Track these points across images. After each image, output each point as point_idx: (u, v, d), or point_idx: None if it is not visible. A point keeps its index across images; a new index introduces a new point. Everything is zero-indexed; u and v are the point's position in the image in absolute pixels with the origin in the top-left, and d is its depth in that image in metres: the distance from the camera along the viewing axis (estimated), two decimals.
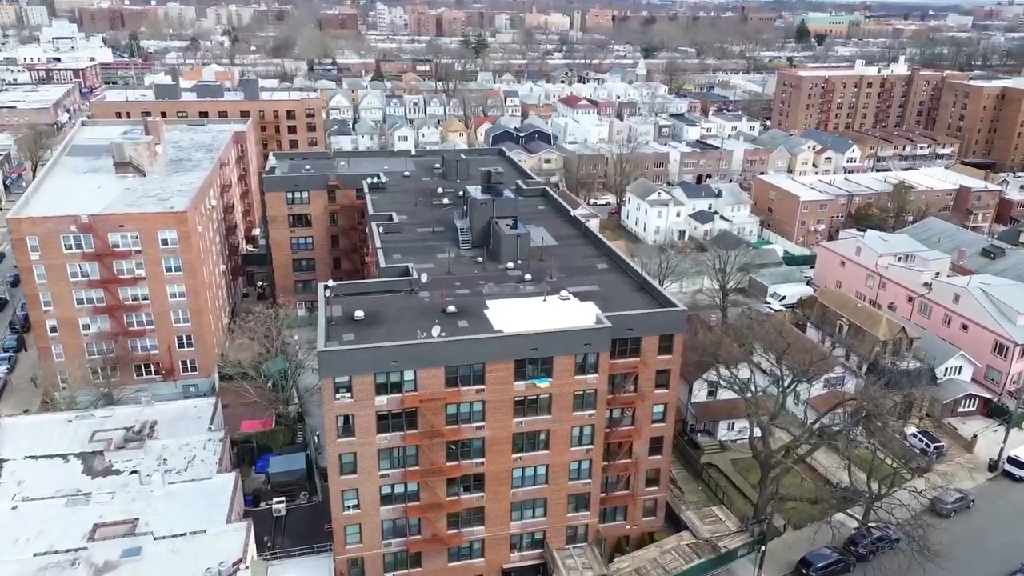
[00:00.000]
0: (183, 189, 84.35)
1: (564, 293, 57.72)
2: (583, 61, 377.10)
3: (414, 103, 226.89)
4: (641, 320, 53.87)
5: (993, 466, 73.83)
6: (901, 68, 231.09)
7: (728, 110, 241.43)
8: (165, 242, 76.31)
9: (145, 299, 78.00)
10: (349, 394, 48.90)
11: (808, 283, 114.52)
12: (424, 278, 59.64)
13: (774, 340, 68.63)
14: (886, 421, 65.74)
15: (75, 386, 74.94)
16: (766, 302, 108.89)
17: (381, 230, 70.98)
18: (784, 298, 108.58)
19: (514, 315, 54.41)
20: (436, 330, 50.23)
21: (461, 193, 75.76)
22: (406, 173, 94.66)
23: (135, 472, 59.29)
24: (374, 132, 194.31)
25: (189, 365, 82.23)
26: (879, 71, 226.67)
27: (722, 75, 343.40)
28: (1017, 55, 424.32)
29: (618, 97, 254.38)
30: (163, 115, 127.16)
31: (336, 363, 47.94)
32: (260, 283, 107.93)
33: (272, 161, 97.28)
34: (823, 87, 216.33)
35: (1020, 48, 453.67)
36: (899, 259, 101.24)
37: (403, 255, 66.18)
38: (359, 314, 54.02)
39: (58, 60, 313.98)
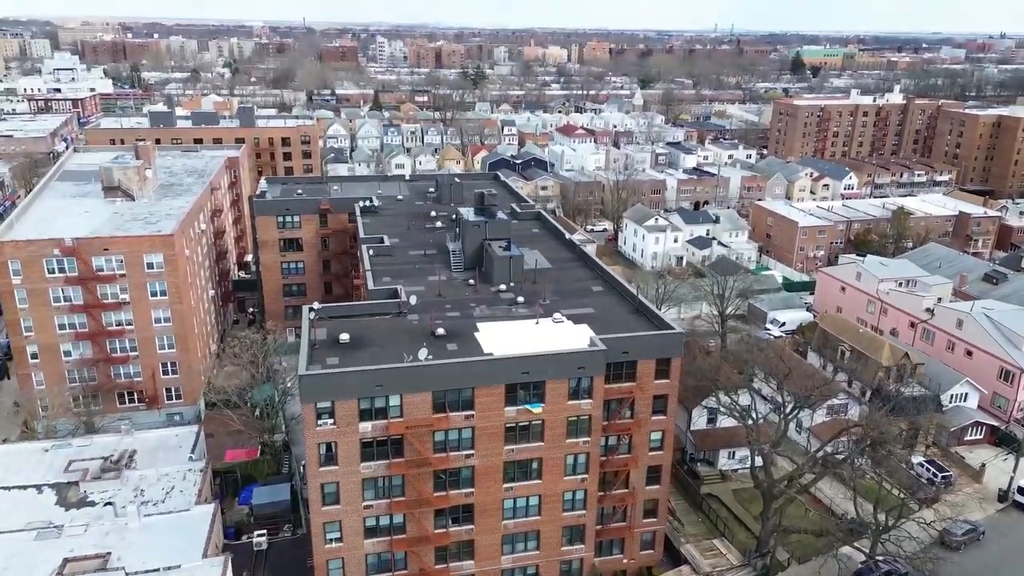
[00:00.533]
0: (172, 213, 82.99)
1: (557, 316, 55.93)
2: (580, 92, 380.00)
3: (411, 132, 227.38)
4: (637, 343, 51.99)
5: (1003, 496, 71.26)
6: (896, 97, 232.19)
7: (724, 139, 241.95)
8: (151, 266, 74.67)
9: (129, 324, 76.10)
10: (332, 420, 46.79)
11: (808, 309, 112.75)
12: (413, 300, 57.89)
13: (775, 365, 66.57)
14: (892, 449, 63.44)
15: (55, 414, 72.66)
16: (766, 328, 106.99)
17: (371, 252, 69.37)
18: (784, 324, 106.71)
19: (505, 338, 52.55)
20: (423, 353, 48.31)
21: (454, 216, 74.32)
22: (399, 197, 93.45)
23: (110, 504, 56.74)
24: (371, 160, 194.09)
25: (174, 393, 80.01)
26: (874, 100, 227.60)
27: (718, 105, 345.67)
28: (1010, 86, 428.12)
29: (615, 126, 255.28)
30: (157, 142, 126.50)
31: (318, 387, 45.93)
32: (251, 309, 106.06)
33: (263, 185, 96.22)
34: (819, 115, 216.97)
35: (1013, 79, 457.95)
36: (900, 284, 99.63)
37: (393, 278, 64.49)
38: (344, 337, 52.13)
39: (58, 91, 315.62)
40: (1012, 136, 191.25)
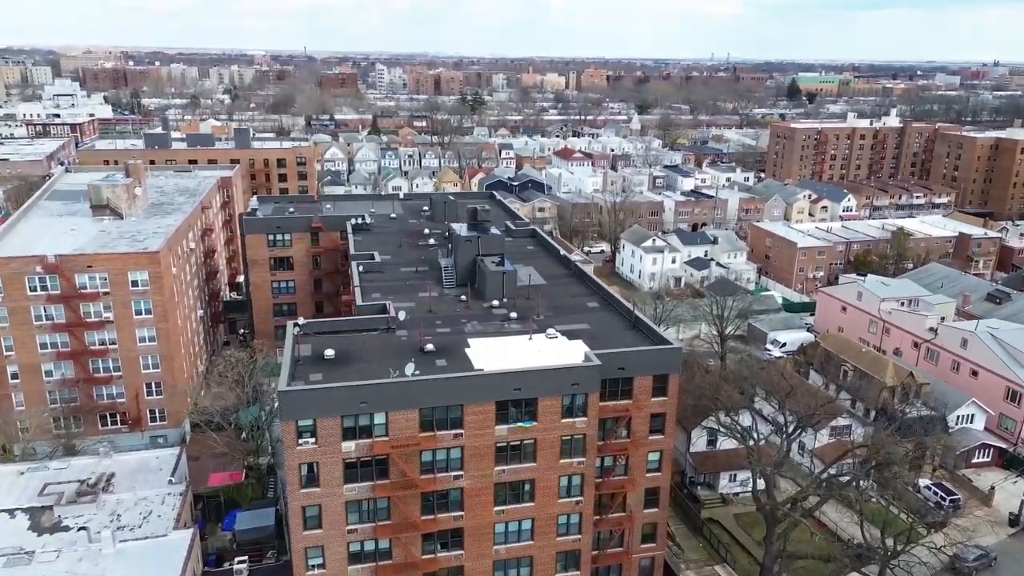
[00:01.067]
0: (160, 231, 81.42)
1: (551, 331, 54.06)
2: (578, 117, 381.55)
3: (409, 155, 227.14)
4: (633, 358, 50.05)
5: (1014, 521, 68.80)
6: (893, 121, 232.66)
7: (722, 162, 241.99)
8: (136, 283, 72.87)
9: (113, 344, 74.09)
10: (313, 439, 44.63)
11: (808, 330, 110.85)
12: (402, 316, 56.03)
13: (776, 383, 64.52)
14: (899, 471, 61.19)
15: (34, 436, 70.35)
16: (766, 349, 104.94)
17: (361, 269, 67.65)
18: (784, 345, 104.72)
19: (497, 354, 50.61)
20: (410, 368, 46.33)
21: (447, 233, 72.77)
22: (393, 215, 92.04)
23: (84, 528, 54.37)
24: (368, 183, 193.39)
25: (158, 414, 77.74)
26: (871, 123, 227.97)
27: (715, 130, 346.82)
28: (1006, 111, 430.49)
29: (612, 150, 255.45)
30: (151, 163, 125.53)
31: (298, 404, 43.86)
32: (242, 331, 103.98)
33: (254, 203, 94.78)
34: (816, 139, 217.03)
35: (1008, 105, 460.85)
36: (902, 304, 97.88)
37: (383, 294, 62.68)
38: (329, 353, 50.18)
39: (57, 116, 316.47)
40: (1010, 158, 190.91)
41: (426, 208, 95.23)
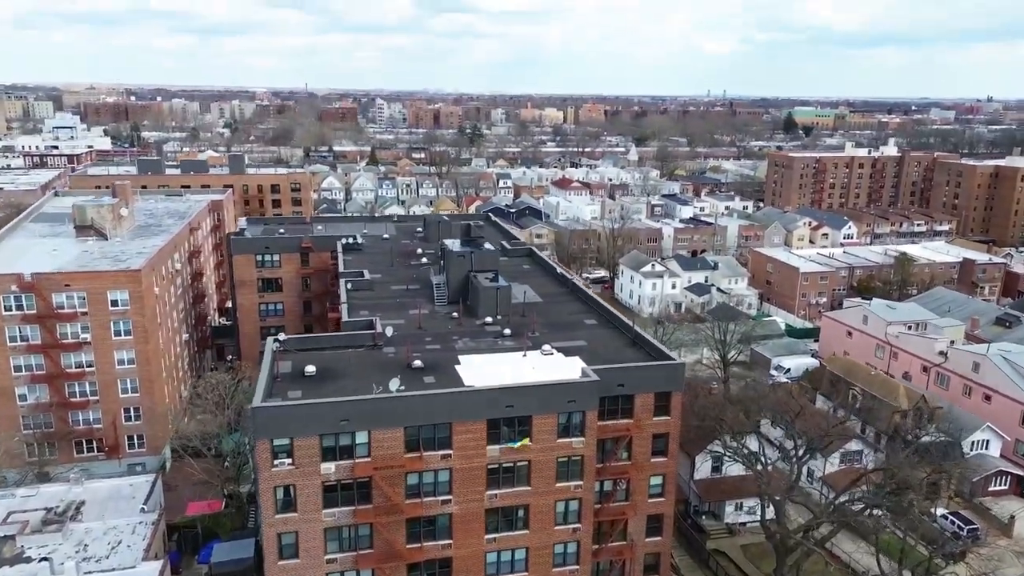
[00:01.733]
0: (144, 251, 78.90)
1: (546, 347, 51.22)
2: (576, 149, 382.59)
3: (406, 184, 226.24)
4: (633, 374, 47.14)
5: None
6: (891, 151, 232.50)
7: (721, 191, 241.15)
8: (116, 303, 70.10)
9: (90, 367, 71.00)
10: (290, 460, 41.48)
11: (812, 355, 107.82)
12: (390, 332, 53.19)
13: (785, 404, 61.39)
14: (915, 498, 57.76)
15: (4, 463, 66.79)
16: (770, 375, 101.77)
17: (349, 286, 65.00)
18: (788, 371, 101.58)
19: (489, 371, 47.68)
20: (394, 383, 43.35)
21: (439, 249, 70.32)
22: (385, 236, 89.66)
23: (47, 559, 50.66)
24: (364, 211, 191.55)
25: (136, 441, 74.30)
26: (870, 152, 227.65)
27: (713, 161, 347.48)
28: (1002, 144, 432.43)
29: (610, 180, 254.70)
30: (143, 187, 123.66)
31: (273, 422, 40.82)
32: (230, 357, 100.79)
33: (242, 223, 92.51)
34: (815, 167, 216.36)
35: (1004, 138, 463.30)
36: (909, 328, 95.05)
37: (371, 311, 59.90)
38: (310, 369, 47.27)
39: (55, 148, 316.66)
40: (1011, 186, 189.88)
41: (420, 229, 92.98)
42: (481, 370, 48.07)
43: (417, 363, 48.76)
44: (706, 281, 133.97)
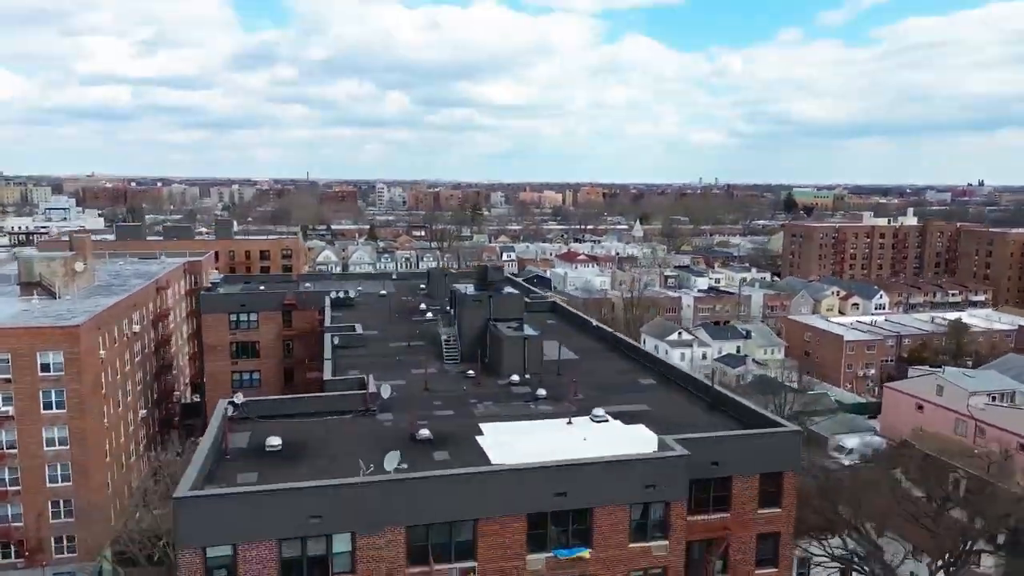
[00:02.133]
0: (93, 312, 65.88)
1: (599, 411, 37.65)
2: (578, 227, 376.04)
3: (406, 258, 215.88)
4: (730, 447, 33.39)
5: None
6: (911, 220, 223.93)
7: (735, 263, 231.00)
8: (47, 367, 56.68)
9: (11, 447, 56.81)
10: None
11: (875, 433, 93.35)
12: (387, 392, 39.65)
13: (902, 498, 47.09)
14: None
15: None
16: (830, 456, 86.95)
17: (336, 340, 51.78)
18: (851, 451, 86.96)
19: (523, 444, 33.95)
20: (392, 459, 29.51)
21: (449, 297, 57.57)
22: (383, 292, 77.00)
23: None
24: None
25: (66, 544, 59.12)
26: (889, 222, 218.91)
27: (719, 237, 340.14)
28: (1004, 223, 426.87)
29: (617, 253, 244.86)
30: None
31: (208, 520, 26.80)
32: (194, 439, 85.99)
33: (215, 277, 79.97)
34: (835, 237, 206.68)
35: (1006, 218, 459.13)
36: (994, 399, 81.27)
37: (363, 371, 46.39)
38: (273, 442, 33.54)
39: (45, 228, 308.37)
40: None
41: (423, 286, 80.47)
42: (512, 443, 34.32)
43: (424, 433, 35.10)
44: (738, 351, 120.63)
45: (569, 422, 37.46)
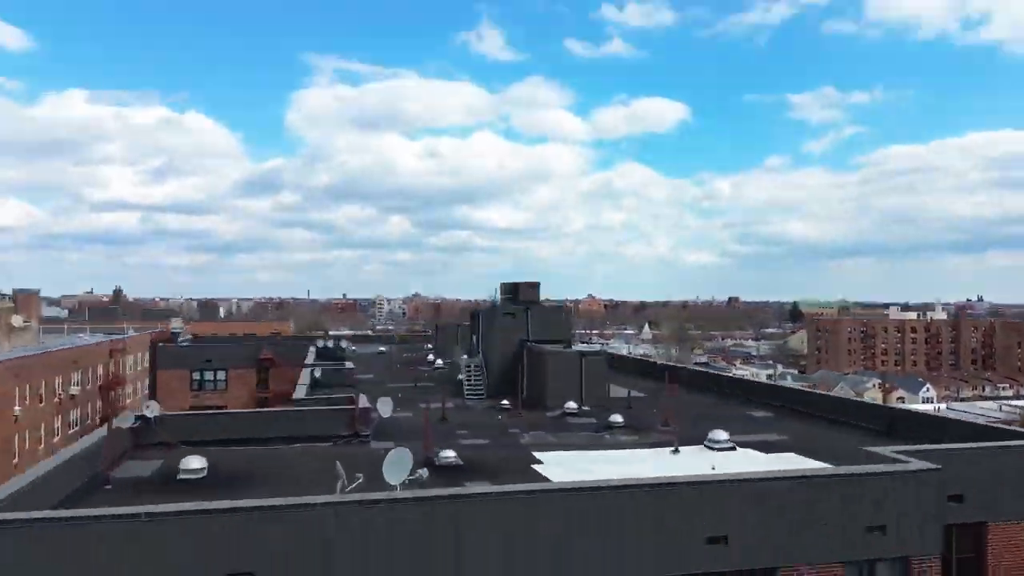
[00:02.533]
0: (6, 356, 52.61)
1: (720, 434, 24.03)
2: (584, 332, 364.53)
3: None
4: (984, 466, 19.54)
5: None
6: (939, 314, 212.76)
7: (756, 360, 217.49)
8: None
9: None
10: None
11: None
12: (387, 411, 26.06)
13: None
14: None
15: None
16: None
17: (318, 375, 38.24)
18: None
19: (612, 475, 20.06)
20: (401, 469, 15.71)
21: (472, 318, 44.48)
22: (382, 349, 63.87)
23: None
24: None
25: None
26: (919, 316, 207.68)
27: (731, 340, 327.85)
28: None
29: (630, 352, 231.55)
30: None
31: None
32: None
33: (176, 325, 66.91)
34: (863, 331, 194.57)
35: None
36: None
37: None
38: (192, 465, 19.72)
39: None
40: None
41: (429, 345, 67.22)
42: (594, 472, 20.44)
43: (449, 457, 21.30)
44: None
45: (676, 450, 23.74)
